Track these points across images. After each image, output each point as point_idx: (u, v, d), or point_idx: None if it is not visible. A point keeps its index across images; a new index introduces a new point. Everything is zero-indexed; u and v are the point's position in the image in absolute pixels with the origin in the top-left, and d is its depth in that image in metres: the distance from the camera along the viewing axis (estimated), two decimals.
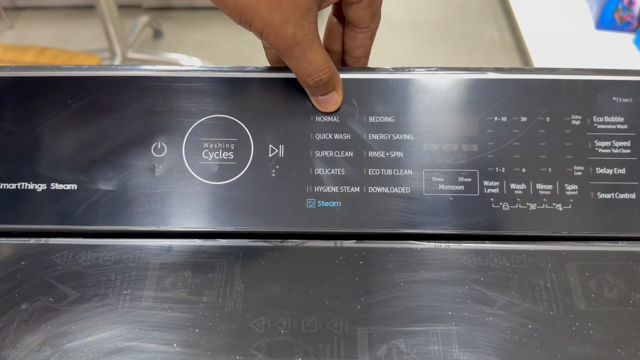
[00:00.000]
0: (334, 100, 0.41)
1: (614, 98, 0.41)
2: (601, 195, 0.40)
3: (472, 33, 2.11)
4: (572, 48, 1.67)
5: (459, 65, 0.42)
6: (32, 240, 0.40)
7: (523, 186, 0.40)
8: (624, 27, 1.67)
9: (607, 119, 0.41)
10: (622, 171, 0.40)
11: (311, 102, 0.41)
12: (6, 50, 1.45)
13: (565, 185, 0.40)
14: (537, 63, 1.65)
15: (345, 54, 0.45)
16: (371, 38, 0.43)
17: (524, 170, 0.40)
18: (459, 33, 2.11)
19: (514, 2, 1.95)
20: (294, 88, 0.41)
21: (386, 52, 2.01)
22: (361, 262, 0.39)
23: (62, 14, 2.22)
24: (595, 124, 0.41)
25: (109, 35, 1.81)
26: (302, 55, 0.37)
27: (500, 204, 0.40)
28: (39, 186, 0.41)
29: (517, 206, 0.40)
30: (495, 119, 0.41)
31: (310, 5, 0.36)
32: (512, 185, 0.40)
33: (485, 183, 0.40)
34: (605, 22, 1.68)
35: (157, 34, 2.12)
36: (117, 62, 1.84)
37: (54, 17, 2.21)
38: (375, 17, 0.41)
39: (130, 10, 2.16)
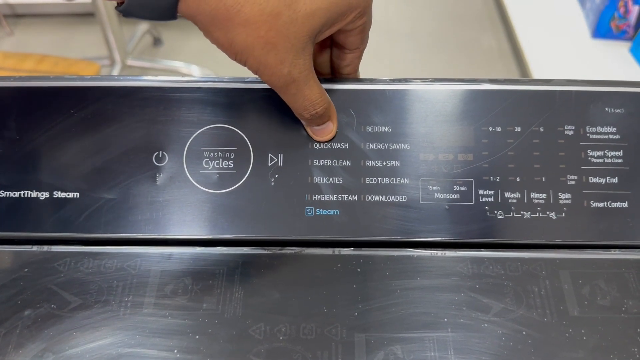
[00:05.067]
0: (329, 129, 0.41)
1: (607, 109, 0.42)
2: (594, 204, 0.41)
3: (470, 42, 2.12)
4: (568, 57, 1.68)
5: (457, 74, 0.43)
6: (35, 248, 0.41)
7: (517, 195, 0.41)
8: (620, 35, 1.69)
9: (599, 129, 0.42)
10: (615, 180, 0.41)
11: (306, 131, 0.42)
12: (6, 57, 1.46)
13: (559, 194, 0.41)
14: (534, 71, 1.66)
15: (333, 71, 0.45)
16: (360, 57, 0.43)
17: (518, 179, 0.41)
18: (457, 42, 2.12)
19: (512, 11, 1.96)
20: None
21: (384, 61, 2.03)
22: (359, 270, 0.40)
23: (61, 21, 2.23)
24: (588, 134, 0.42)
25: (108, 42, 1.82)
26: (298, 91, 0.38)
27: (495, 212, 0.41)
28: (42, 194, 0.41)
29: (511, 215, 0.41)
30: (490, 129, 0.42)
31: (305, 43, 0.36)
32: (507, 194, 0.41)
33: (481, 192, 0.41)
34: (601, 30, 1.69)
35: (157, 42, 2.13)
36: (116, 69, 1.85)
37: (54, 25, 2.22)
38: (365, 39, 0.41)
39: (129, 18, 2.17)
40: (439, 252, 0.40)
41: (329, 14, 0.36)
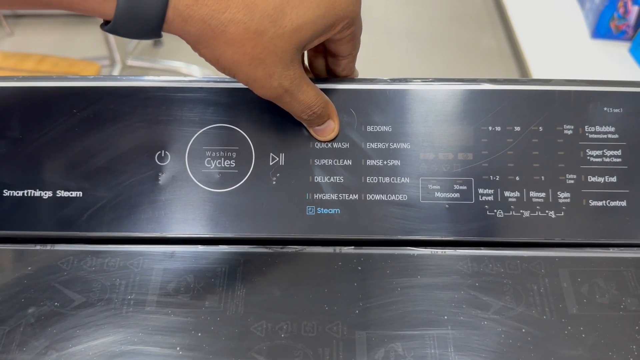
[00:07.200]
0: (330, 128, 0.42)
1: (605, 108, 0.42)
2: (593, 203, 0.41)
3: (469, 42, 2.12)
4: (568, 57, 1.68)
5: (457, 74, 0.43)
6: (38, 246, 0.41)
7: (517, 194, 0.41)
8: (619, 36, 1.69)
9: (598, 128, 0.42)
10: (613, 179, 0.41)
11: (308, 132, 0.42)
12: (7, 57, 1.46)
13: (558, 193, 0.41)
14: (534, 71, 1.66)
15: (330, 74, 0.45)
16: (353, 61, 0.43)
17: (517, 178, 0.41)
18: (457, 42, 2.12)
19: (511, 11, 1.96)
20: None
21: (384, 61, 2.03)
22: (359, 268, 0.40)
23: (62, 21, 2.23)
24: (587, 134, 0.42)
25: (108, 42, 1.82)
26: (292, 99, 0.38)
27: (495, 211, 0.41)
28: (45, 193, 0.42)
29: (511, 213, 0.41)
30: (490, 128, 0.42)
31: (293, 54, 0.36)
32: (506, 193, 0.41)
33: (480, 191, 0.41)
34: (601, 31, 1.69)
35: (157, 42, 2.13)
36: (116, 69, 1.86)
37: (54, 25, 2.22)
38: (356, 46, 0.42)
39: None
40: (439, 251, 0.41)
41: (316, 27, 0.35)
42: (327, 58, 0.44)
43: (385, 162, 0.42)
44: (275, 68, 0.35)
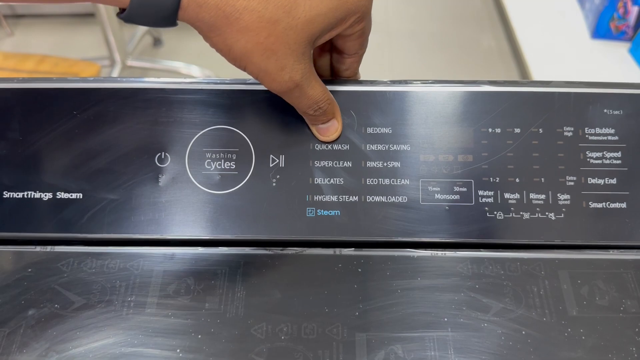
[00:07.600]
0: (334, 127, 0.42)
1: (605, 110, 0.42)
2: (593, 205, 0.41)
3: (469, 42, 2.12)
4: (567, 57, 1.68)
5: (456, 74, 0.44)
6: (38, 248, 0.41)
7: (517, 196, 0.41)
8: (619, 36, 1.69)
9: (598, 130, 0.42)
10: (613, 181, 0.41)
11: (312, 132, 0.42)
12: (7, 58, 1.46)
13: (558, 195, 0.41)
14: (533, 72, 1.67)
15: (333, 74, 0.45)
16: (359, 61, 0.44)
17: (517, 180, 0.41)
18: (457, 42, 2.12)
19: (511, 11, 1.97)
20: None
21: (384, 61, 2.03)
22: (359, 270, 0.40)
23: (62, 21, 2.23)
24: (587, 136, 0.42)
25: (108, 43, 1.82)
26: (302, 93, 0.38)
27: (495, 213, 0.41)
28: (45, 195, 0.42)
29: (511, 215, 0.41)
30: (490, 130, 0.42)
31: (304, 48, 0.36)
32: (506, 195, 0.41)
33: (480, 193, 0.41)
34: (601, 31, 1.69)
35: (157, 42, 2.13)
36: (116, 70, 1.85)
37: (54, 25, 2.22)
38: (364, 44, 0.42)
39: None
40: (439, 253, 0.41)
41: (328, 20, 0.36)
42: (332, 57, 0.44)
43: (385, 164, 0.42)
44: (287, 60, 0.36)
